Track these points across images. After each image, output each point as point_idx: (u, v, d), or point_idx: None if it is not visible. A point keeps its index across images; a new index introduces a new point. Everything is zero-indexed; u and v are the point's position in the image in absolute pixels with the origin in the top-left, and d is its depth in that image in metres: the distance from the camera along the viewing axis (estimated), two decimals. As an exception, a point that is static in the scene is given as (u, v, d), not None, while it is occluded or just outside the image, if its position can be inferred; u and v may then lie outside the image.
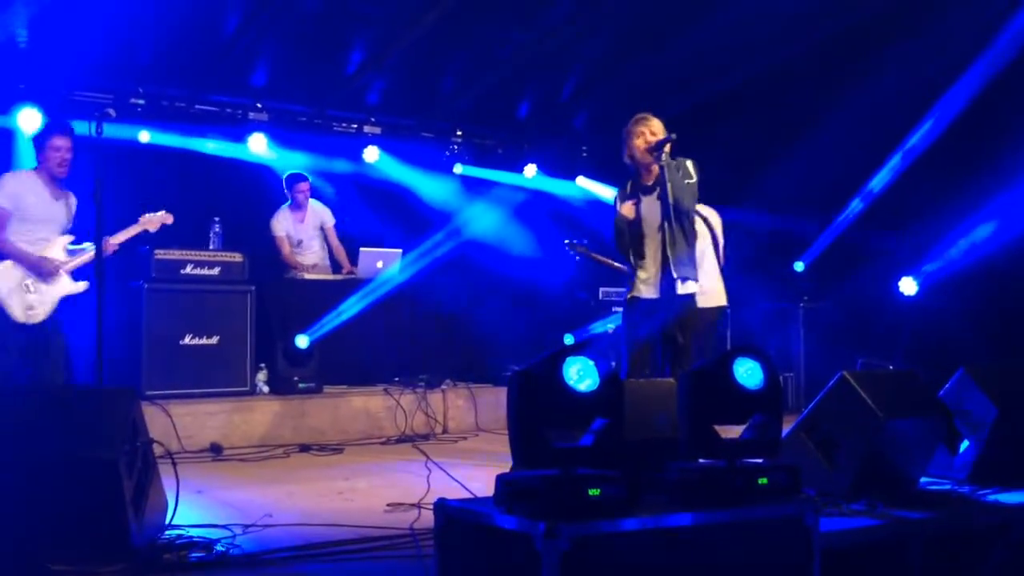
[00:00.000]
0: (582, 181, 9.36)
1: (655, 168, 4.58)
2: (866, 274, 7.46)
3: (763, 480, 2.78)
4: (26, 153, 6.81)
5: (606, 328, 7.62)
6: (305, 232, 7.48)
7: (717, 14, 6.81)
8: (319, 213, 7.58)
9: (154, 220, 5.56)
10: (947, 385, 4.37)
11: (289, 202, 7.44)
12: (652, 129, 4.61)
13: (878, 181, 7.23)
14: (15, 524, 2.90)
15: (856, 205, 7.51)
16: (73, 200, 5.33)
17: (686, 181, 4.56)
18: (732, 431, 2.91)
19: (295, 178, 7.44)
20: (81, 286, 5.12)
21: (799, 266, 8.14)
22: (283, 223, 7.40)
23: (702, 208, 5.30)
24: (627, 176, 4.82)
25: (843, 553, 3.18)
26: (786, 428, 3.93)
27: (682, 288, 4.57)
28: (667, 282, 4.58)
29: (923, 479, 4.11)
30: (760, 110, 7.66)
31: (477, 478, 4.30)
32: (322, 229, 7.57)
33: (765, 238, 8.03)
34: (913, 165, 6.98)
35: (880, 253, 7.47)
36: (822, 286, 8.06)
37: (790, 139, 7.17)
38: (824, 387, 3.97)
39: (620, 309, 5.36)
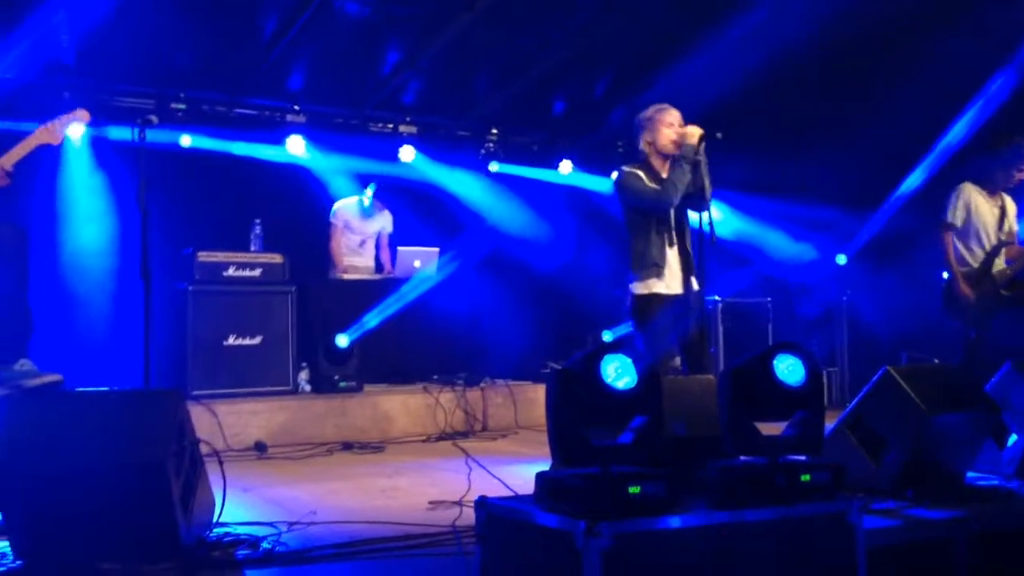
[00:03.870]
0: (615, 175, 9.31)
1: (667, 162, 4.52)
2: (910, 266, 7.36)
3: (806, 477, 2.76)
4: (74, 160, 7.00)
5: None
6: (365, 233, 7.65)
7: (755, 5, 6.74)
8: (383, 219, 7.75)
9: (55, 128, 4.15)
10: (994, 379, 4.30)
11: (367, 202, 7.54)
12: (678, 120, 4.57)
13: (922, 171, 7.12)
14: (66, 525, 2.97)
15: (900, 196, 7.41)
16: None
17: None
18: (774, 428, 2.89)
19: (378, 193, 7.67)
20: None
21: (842, 259, 8.05)
22: (345, 215, 7.54)
23: None
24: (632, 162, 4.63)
25: (888, 550, 3.14)
26: (830, 424, 3.91)
27: (694, 284, 4.53)
28: (687, 277, 4.52)
29: (970, 474, 4.04)
30: (802, 101, 7.58)
31: (517, 475, 4.32)
32: (379, 236, 7.73)
33: (807, 231, 7.96)
34: (957, 154, 6.87)
35: (925, 245, 7.36)
36: (866, 279, 7.96)
37: (833, 130, 7.09)
38: (868, 382, 3.93)
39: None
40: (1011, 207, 5.55)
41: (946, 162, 6.95)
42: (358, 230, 7.62)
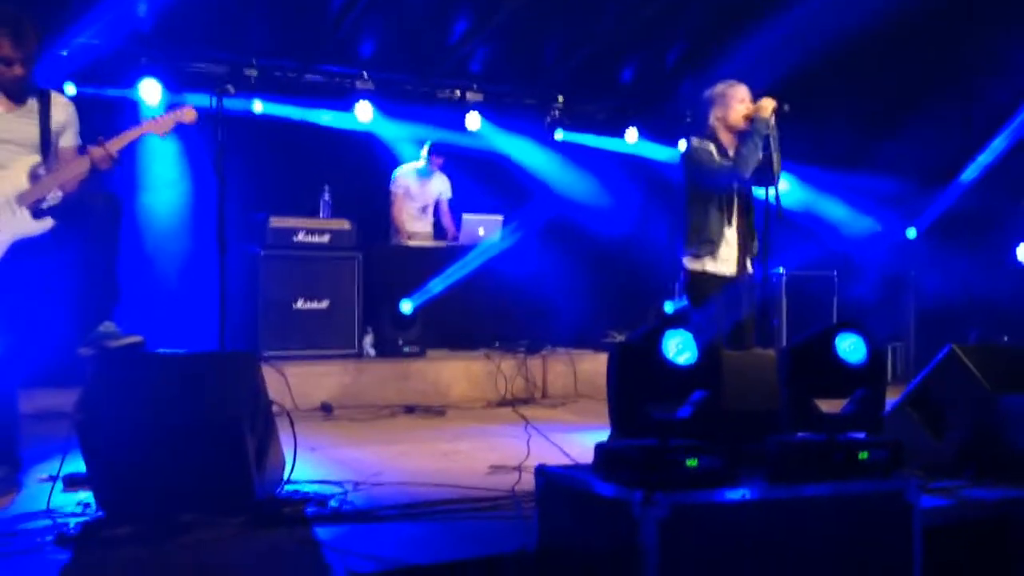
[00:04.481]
0: (683, 146, 9.24)
1: (735, 137, 4.49)
2: (983, 243, 7.19)
3: (863, 455, 2.77)
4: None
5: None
6: (426, 198, 7.80)
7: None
8: (441, 183, 7.87)
9: (164, 121, 3.90)
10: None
11: (421, 167, 7.68)
12: (748, 95, 4.54)
13: (996, 146, 6.93)
14: (147, 478, 3.12)
15: (973, 171, 7.23)
16: (58, 107, 3.72)
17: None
18: (834, 405, 2.91)
19: (436, 149, 7.82)
20: (43, 225, 3.60)
21: (911, 232, 7.89)
22: (405, 182, 7.70)
23: None
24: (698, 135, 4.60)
25: (947, 529, 3.15)
26: (895, 398, 3.89)
27: (749, 267, 4.50)
28: (743, 258, 4.48)
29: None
30: (875, 74, 7.42)
31: (575, 443, 4.39)
32: (438, 201, 7.85)
33: (878, 204, 7.81)
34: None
35: (998, 221, 7.19)
36: (936, 254, 7.81)
37: (905, 104, 6.93)
38: (933, 359, 3.90)
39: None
40: None
41: (1020, 139, 6.75)
42: (418, 196, 7.76)
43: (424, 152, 7.79)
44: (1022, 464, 3.85)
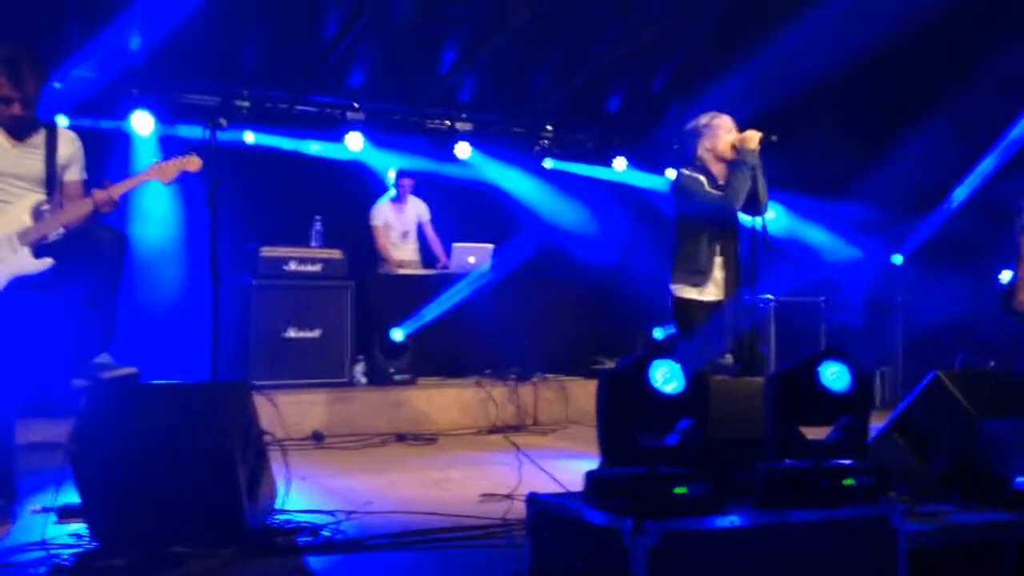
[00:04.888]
0: (671, 174, 9.36)
1: (724, 166, 4.55)
2: (968, 268, 7.28)
3: (849, 481, 2.81)
4: (143, 155, 7.26)
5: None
6: (404, 224, 7.80)
7: (813, 6, 6.71)
8: (417, 207, 7.89)
9: (168, 168, 3.96)
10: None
11: (392, 194, 7.76)
12: (733, 125, 4.61)
13: (980, 172, 7.04)
14: (140, 509, 3.14)
15: (958, 197, 7.33)
16: (64, 142, 3.74)
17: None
18: (819, 432, 2.95)
19: (403, 173, 7.83)
20: (42, 264, 3.57)
21: (898, 259, 7.98)
22: (382, 213, 7.75)
23: None
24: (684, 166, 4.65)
25: (933, 553, 3.18)
26: (882, 423, 3.93)
27: (739, 293, 4.54)
28: (731, 286, 4.53)
29: (1020, 479, 4.03)
30: (860, 102, 7.53)
31: (566, 470, 4.40)
32: (420, 224, 7.88)
33: (862, 231, 7.91)
34: (1017, 155, 6.78)
35: (983, 246, 7.27)
36: (922, 280, 7.89)
37: (891, 131, 7.04)
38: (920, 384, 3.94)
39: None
40: None
41: (1010, 159, 6.86)
42: (397, 224, 7.80)
43: (391, 178, 7.83)
44: (1006, 489, 3.90)
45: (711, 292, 4.55)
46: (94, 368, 3.50)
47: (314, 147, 8.10)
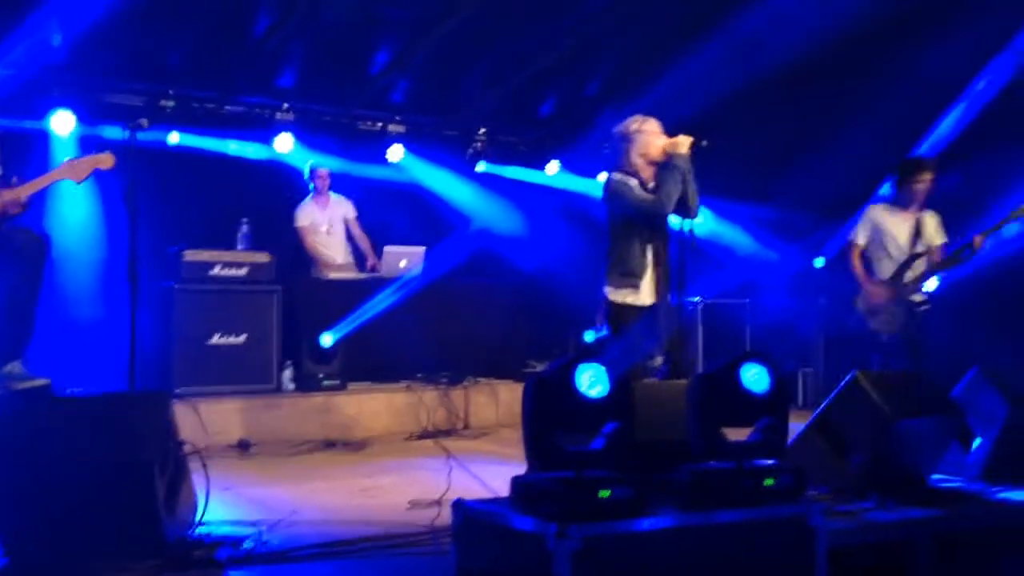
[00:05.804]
0: (604, 177, 9.42)
1: (655, 170, 4.59)
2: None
3: (769, 481, 2.87)
4: (63, 156, 7.03)
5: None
6: (328, 221, 7.66)
7: (745, 9, 6.81)
8: (341, 205, 7.76)
9: (80, 166, 3.88)
10: (961, 383, 4.42)
11: (311, 193, 7.64)
12: (660, 128, 4.65)
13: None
14: (53, 523, 3.04)
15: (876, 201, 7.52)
16: None
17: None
18: (740, 433, 3.00)
19: (315, 168, 7.69)
20: None
21: (819, 261, 8.16)
22: (306, 213, 7.61)
23: None
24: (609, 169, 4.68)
25: (852, 551, 3.26)
26: (803, 424, 4.02)
27: (668, 297, 4.60)
28: (662, 289, 4.58)
29: (935, 477, 4.16)
30: (783, 107, 7.68)
31: (497, 474, 4.39)
32: (346, 222, 7.75)
33: (785, 234, 8.08)
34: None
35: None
36: (842, 282, 8.08)
37: (814, 136, 7.20)
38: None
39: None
40: (929, 222, 5.81)
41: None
42: (321, 220, 7.66)
43: (306, 175, 7.72)
44: (921, 487, 4.02)
45: (644, 294, 4.59)
46: (4, 378, 3.38)
47: (233, 146, 7.89)
